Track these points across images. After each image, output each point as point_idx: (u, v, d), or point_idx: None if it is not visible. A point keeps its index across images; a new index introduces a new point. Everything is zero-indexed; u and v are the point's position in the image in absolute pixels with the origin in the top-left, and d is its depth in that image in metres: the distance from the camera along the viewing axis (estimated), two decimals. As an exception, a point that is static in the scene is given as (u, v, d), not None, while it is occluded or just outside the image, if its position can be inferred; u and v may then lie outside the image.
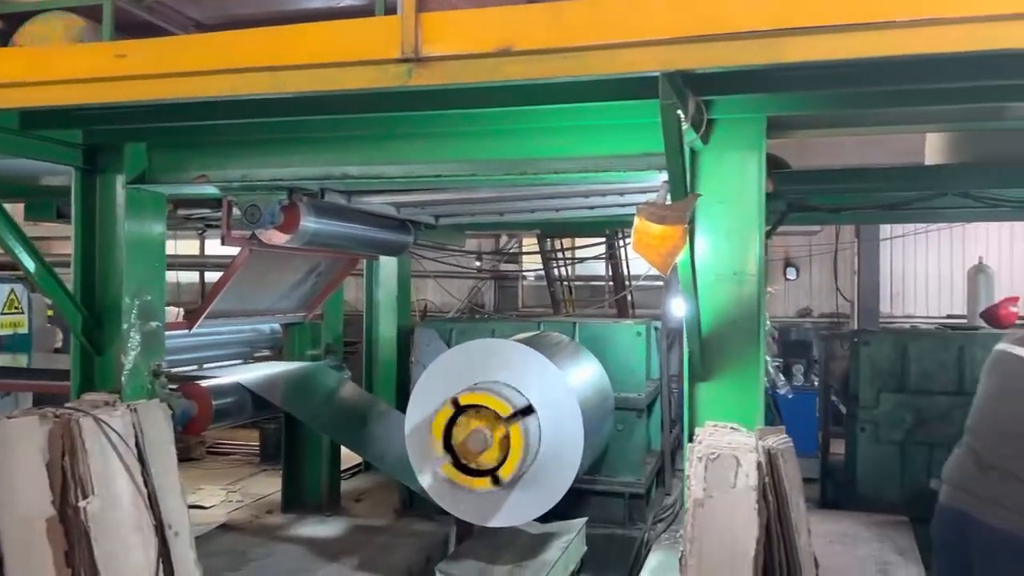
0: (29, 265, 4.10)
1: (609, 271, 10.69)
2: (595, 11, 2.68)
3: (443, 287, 13.23)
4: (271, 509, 6.42)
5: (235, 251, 4.94)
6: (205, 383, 4.92)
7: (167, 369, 4.48)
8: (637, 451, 5.69)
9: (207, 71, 3.12)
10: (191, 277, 14.55)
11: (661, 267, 3.04)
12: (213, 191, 4.31)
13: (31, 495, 3.31)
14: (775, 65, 2.87)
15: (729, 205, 3.54)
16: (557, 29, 2.69)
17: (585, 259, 11.34)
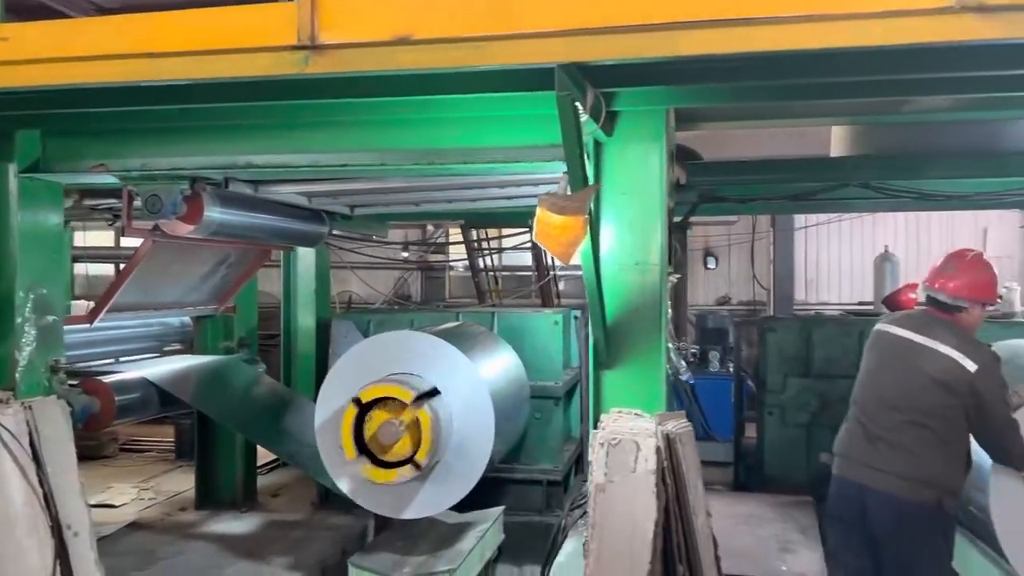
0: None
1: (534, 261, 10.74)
2: (493, 2, 2.68)
3: (367, 279, 13.08)
4: (184, 506, 6.29)
5: (153, 243, 4.78)
6: (108, 379, 4.77)
7: (67, 365, 4.33)
8: (555, 439, 5.76)
9: (97, 56, 3.01)
10: (106, 270, 14.05)
11: (562, 257, 3.08)
12: (112, 180, 4.17)
13: (-85, 498, 3.17)
14: (672, 58, 2.92)
15: (632, 196, 3.60)
16: (455, 19, 2.68)
17: (504, 249, 11.38)
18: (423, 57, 2.70)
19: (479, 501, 5.13)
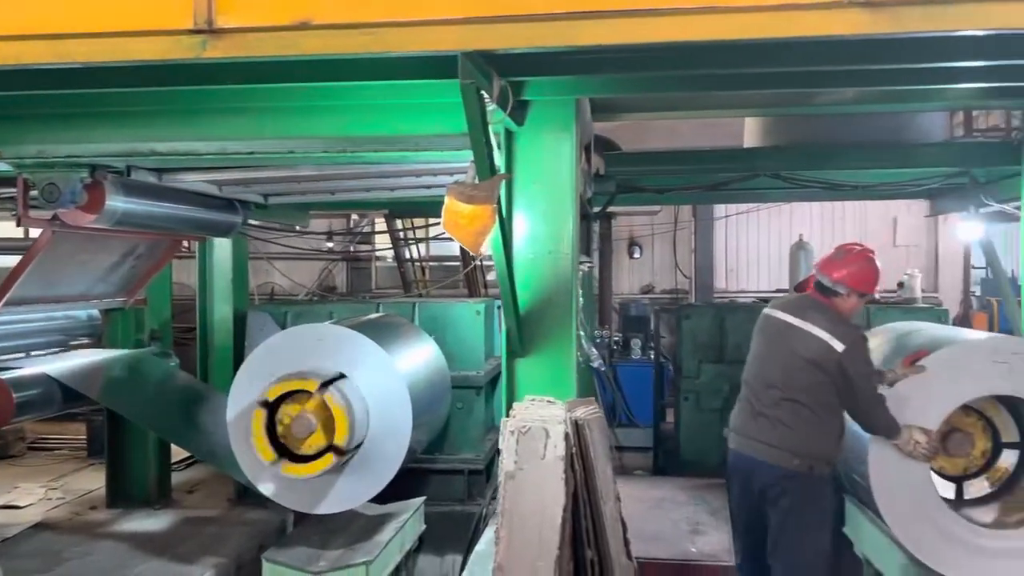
0: None
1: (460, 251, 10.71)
2: (395, -13, 2.65)
3: (290, 270, 12.86)
4: (95, 505, 6.08)
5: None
6: (5, 375, 4.57)
7: (-41, 361, 4.14)
8: (477, 428, 5.77)
9: (-17, 37, 2.87)
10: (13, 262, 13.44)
11: (472, 246, 3.08)
12: (5, 168, 3.99)
13: None
14: (578, 48, 2.95)
15: (544, 185, 3.63)
16: (356, 4, 2.64)
17: (431, 239, 11.31)
18: (323, 43, 2.65)
19: (400, 493, 5.10)
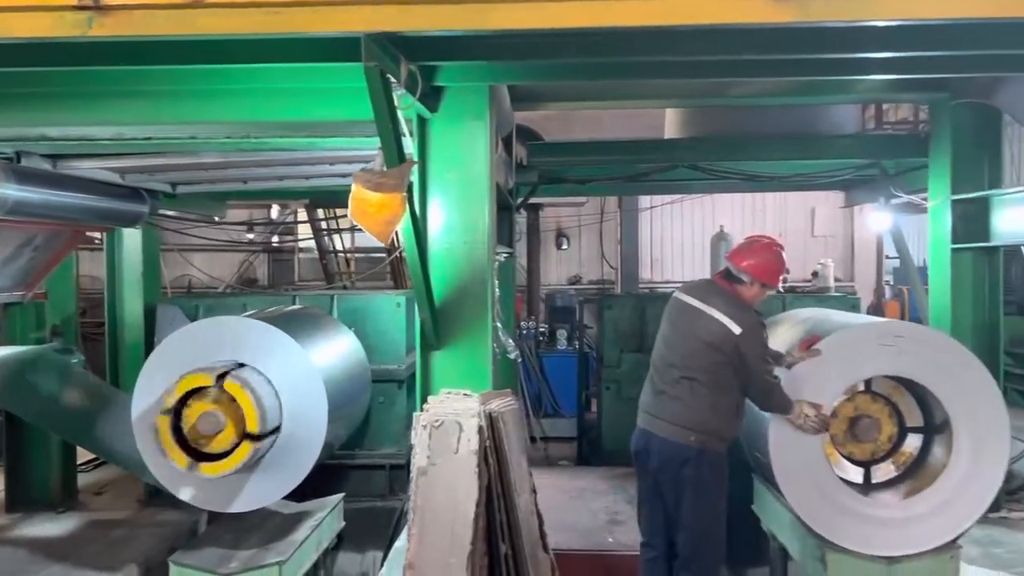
0: None
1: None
2: (295, -35, 2.54)
3: (210, 262, 12.48)
4: (-7, 510, 5.78)
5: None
6: None
7: None
8: (398, 422, 5.67)
9: None
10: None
11: (380, 236, 2.99)
12: None
13: None
14: (489, 32, 2.89)
15: (459, 174, 3.55)
16: (253, -19, 2.52)
17: (355, 230, 11.11)
18: (219, 22, 2.52)
19: (320, 490, 4.99)
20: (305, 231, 12.43)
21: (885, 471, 3.89)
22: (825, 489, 3.83)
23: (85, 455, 6.29)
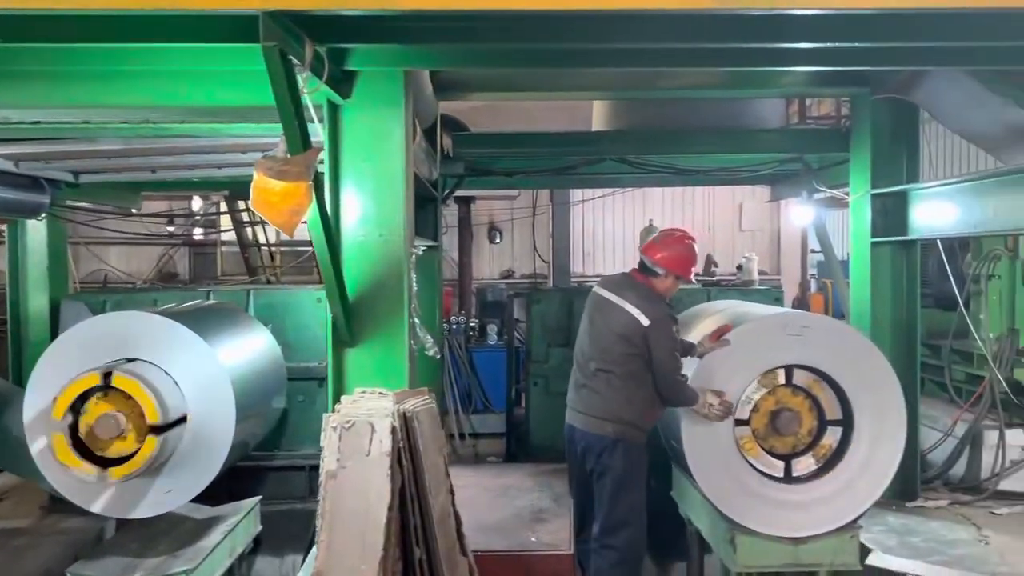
0: None
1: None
2: (188, -64, 2.36)
3: (128, 256, 12.01)
4: None
5: None
6: None
7: None
8: (319, 421, 5.38)
9: None
10: None
11: (285, 227, 2.82)
12: None
13: None
14: (398, 12, 2.76)
15: (374, 163, 3.40)
16: (147, -47, 2.34)
17: (266, 223, 10.80)
18: (104, -5, 2.33)
19: (237, 492, 4.84)
20: (228, 224, 12.06)
21: (805, 464, 3.91)
22: (734, 474, 3.95)
23: (-16, 460, 5.93)
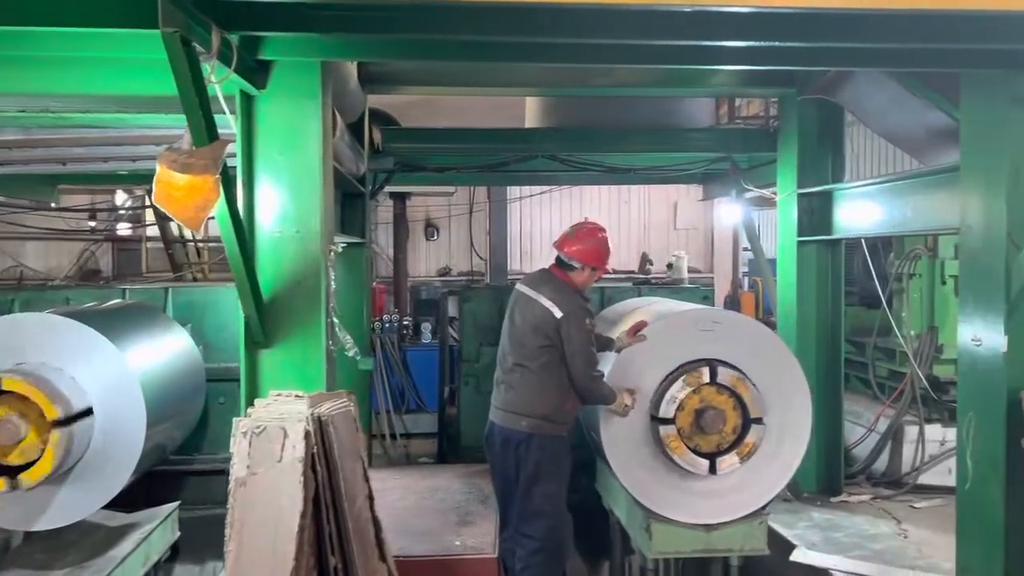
0: None
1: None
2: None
3: (47, 252, 11.52)
4: None
5: None
6: None
7: None
8: (242, 424, 5.32)
9: None
10: None
11: (191, 222, 2.68)
12: None
13: None
14: (309, 0, 2.65)
15: (290, 156, 3.28)
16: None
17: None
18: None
19: (155, 498, 4.71)
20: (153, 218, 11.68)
21: (729, 463, 3.92)
22: (649, 463, 4.04)
23: None
